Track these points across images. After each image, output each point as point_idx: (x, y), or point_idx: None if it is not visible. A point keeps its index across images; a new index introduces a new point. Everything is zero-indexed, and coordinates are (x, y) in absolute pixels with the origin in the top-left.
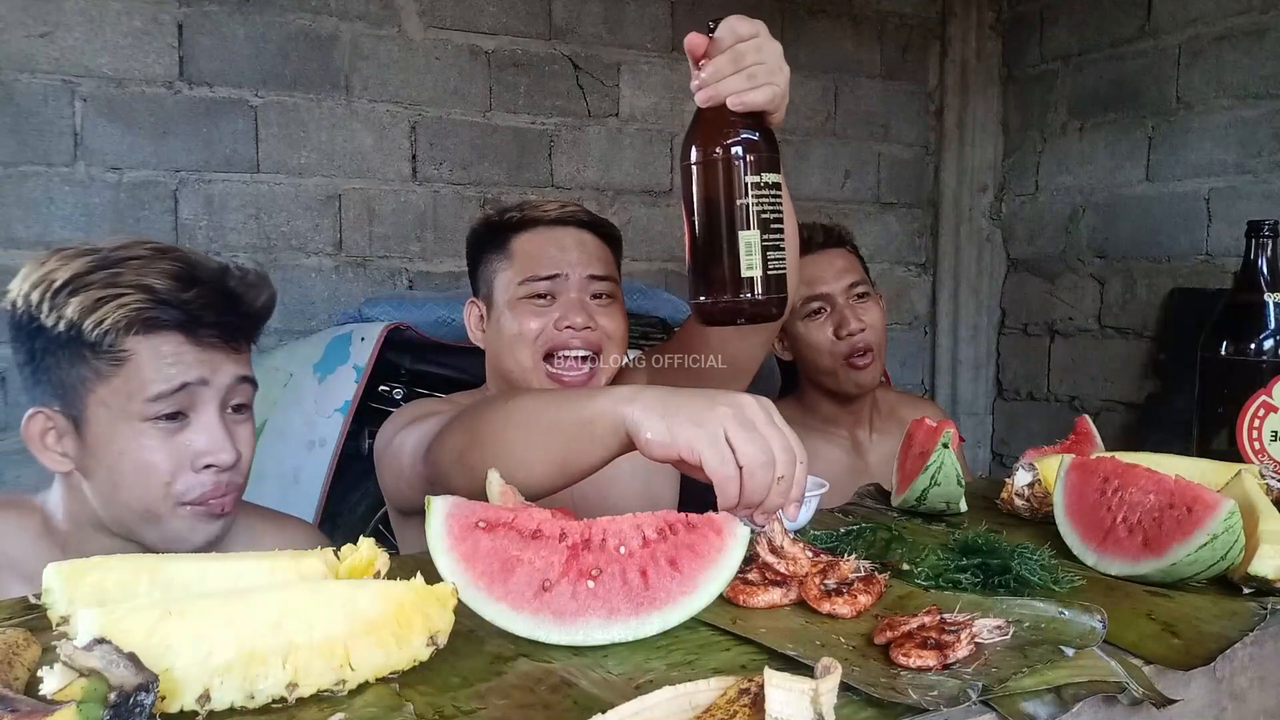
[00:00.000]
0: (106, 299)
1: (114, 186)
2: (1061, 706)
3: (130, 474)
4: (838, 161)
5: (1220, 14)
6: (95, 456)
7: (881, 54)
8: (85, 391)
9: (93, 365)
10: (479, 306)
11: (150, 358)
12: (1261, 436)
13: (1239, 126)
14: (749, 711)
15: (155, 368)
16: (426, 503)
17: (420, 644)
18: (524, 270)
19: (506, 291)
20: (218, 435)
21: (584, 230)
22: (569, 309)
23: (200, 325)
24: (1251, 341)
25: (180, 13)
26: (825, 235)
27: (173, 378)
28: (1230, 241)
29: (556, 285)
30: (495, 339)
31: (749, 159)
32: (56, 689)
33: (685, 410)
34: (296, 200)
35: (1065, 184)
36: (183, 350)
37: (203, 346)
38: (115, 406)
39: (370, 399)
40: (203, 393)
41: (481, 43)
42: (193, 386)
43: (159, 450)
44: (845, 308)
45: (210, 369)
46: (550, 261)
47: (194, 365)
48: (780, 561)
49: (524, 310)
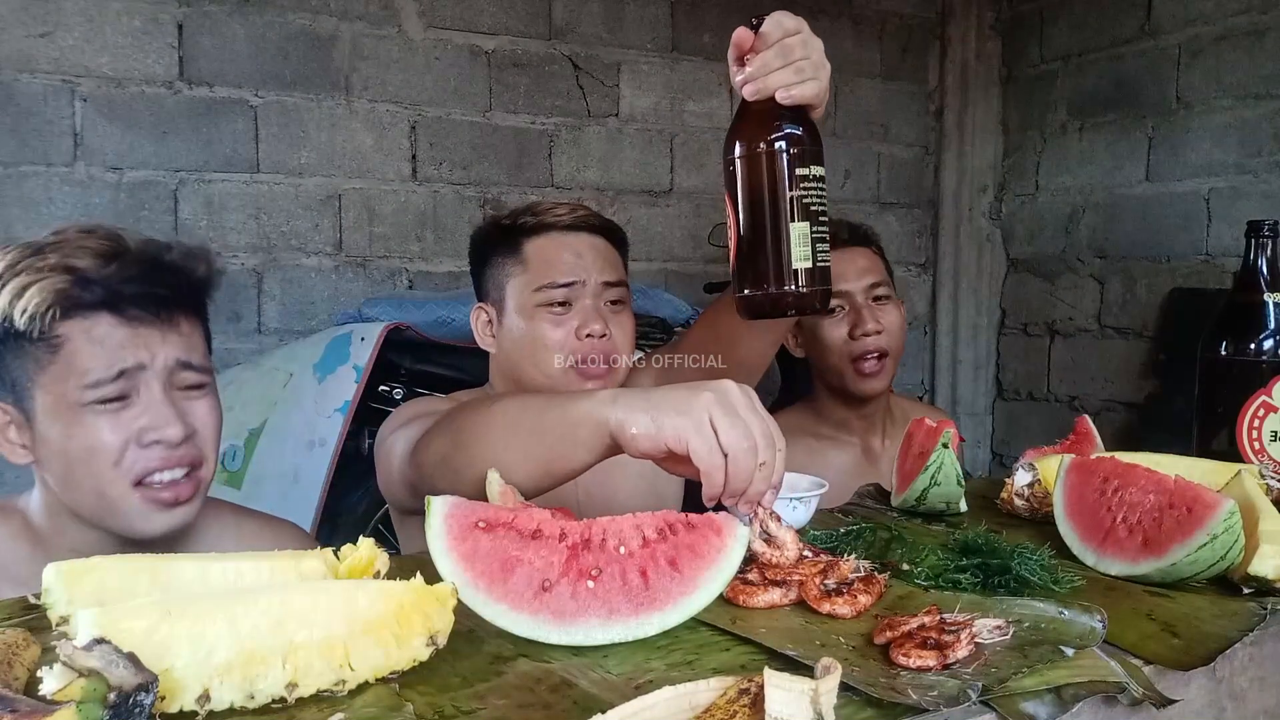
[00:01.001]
0: (30, 284)
1: (114, 186)
2: (1061, 707)
3: (80, 457)
4: (838, 161)
5: (1220, 14)
6: (46, 445)
7: (881, 54)
8: (28, 382)
9: (31, 354)
10: (487, 311)
11: (84, 342)
12: (1261, 436)
13: (1239, 126)
14: (749, 711)
15: (90, 353)
16: (426, 503)
17: (420, 644)
18: (540, 276)
19: (521, 297)
20: (163, 412)
21: (596, 235)
22: (587, 317)
23: (126, 302)
24: (1251, 341)
25: (180, 13)
26: (850, 233)
27: (109, 365)
28: (1230, 241)
29: (573, 292)
30: (511, 345)
31: (796, 151)
32: (56, 689)
33: (669, 401)
34: (296, 200)
35: (1065, 184)
36: (113, 332)
37: (133, 325)
38: (57, 393)
39: (370, 399)
40: (142, 375)
41: (481, 43)
42: (130, 372)
43: (104, 430)
44: (864, 307)
45: (146, 352)
46: (567, 268)
47: (128, 348)
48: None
49: (542, 318)
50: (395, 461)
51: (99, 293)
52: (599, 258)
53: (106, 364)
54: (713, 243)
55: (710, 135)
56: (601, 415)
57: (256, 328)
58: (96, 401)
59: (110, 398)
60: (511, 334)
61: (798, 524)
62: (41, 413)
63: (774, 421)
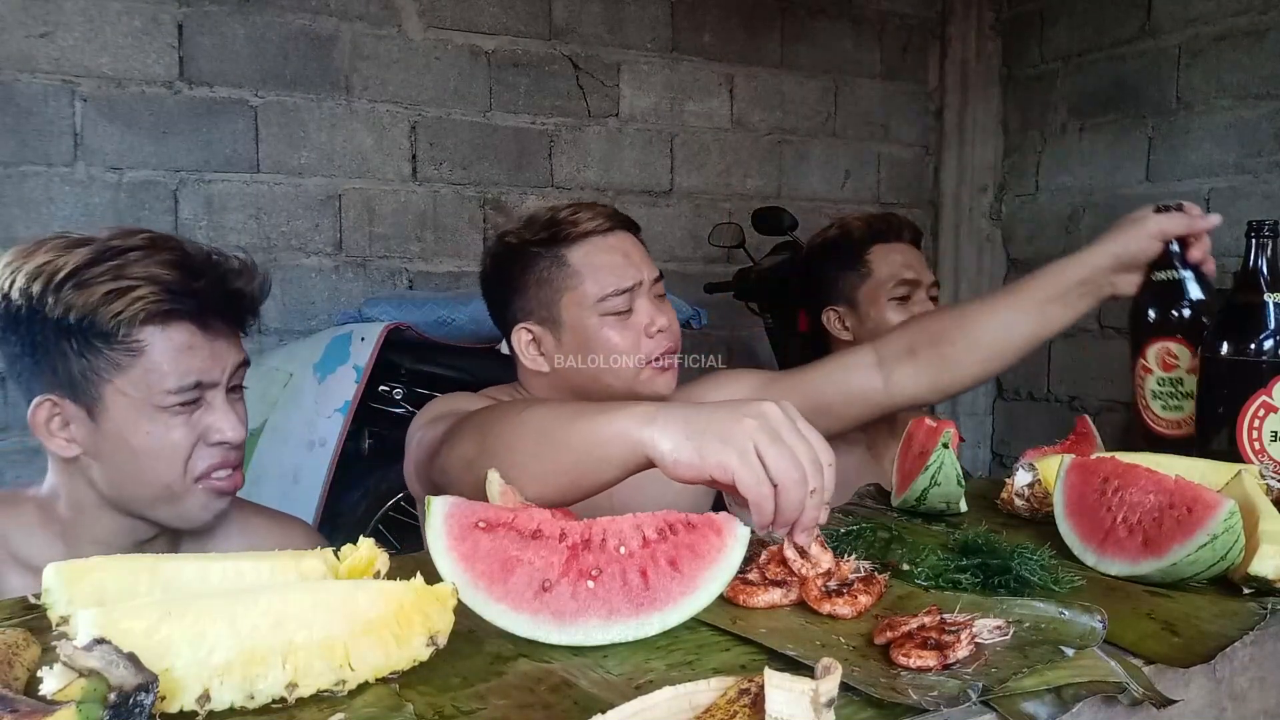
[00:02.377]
0: (118, 291)
1: (114, 186)
2: (1061, 707)
3: (153, 455)
4: (838, 161)
5: (1220, 14)
6: (112, 441)
7: (881, 54)
8: (100, 381)
9: (107, 356)
10: (532, 331)
11: (166, 349)
12: (1261, 436)
13: (1239, 126)
14: (749, 711)
15: (173, 360)
16: (426, 503)
17: (420, 644)
18: (601, 286)
19: (580, 311)
20: (229, 416)
21: (627, 232)
22: (652, 314)
23: (209, 315)
24: (1251, 342)
25: (180, 13)
26: (913, 233)
27: (188, 373)
28: (1230, 241)
29: (634, 295)
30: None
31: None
32: (56, 689)
33: (711, 428)
34: (296, 200)
35: (1065, 184)
36: (196, 341)
37: (211, 335)
38: (135, 395)
39: (370, 399)
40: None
41: (481, 43)
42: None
43: (179, 430)
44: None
45: (220, 362)
46: (624, 272)
47: (207, 358)
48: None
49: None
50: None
51: (185, 306)
52: (641, 254)
53: (186, 372)
54: (713, 243)
55: (710, 135)
56: (636, 435)
57: (257, 328)
58: (175, 405)
59: (187, 402)
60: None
61: None
62: (111, 411)
63: (820, 439)
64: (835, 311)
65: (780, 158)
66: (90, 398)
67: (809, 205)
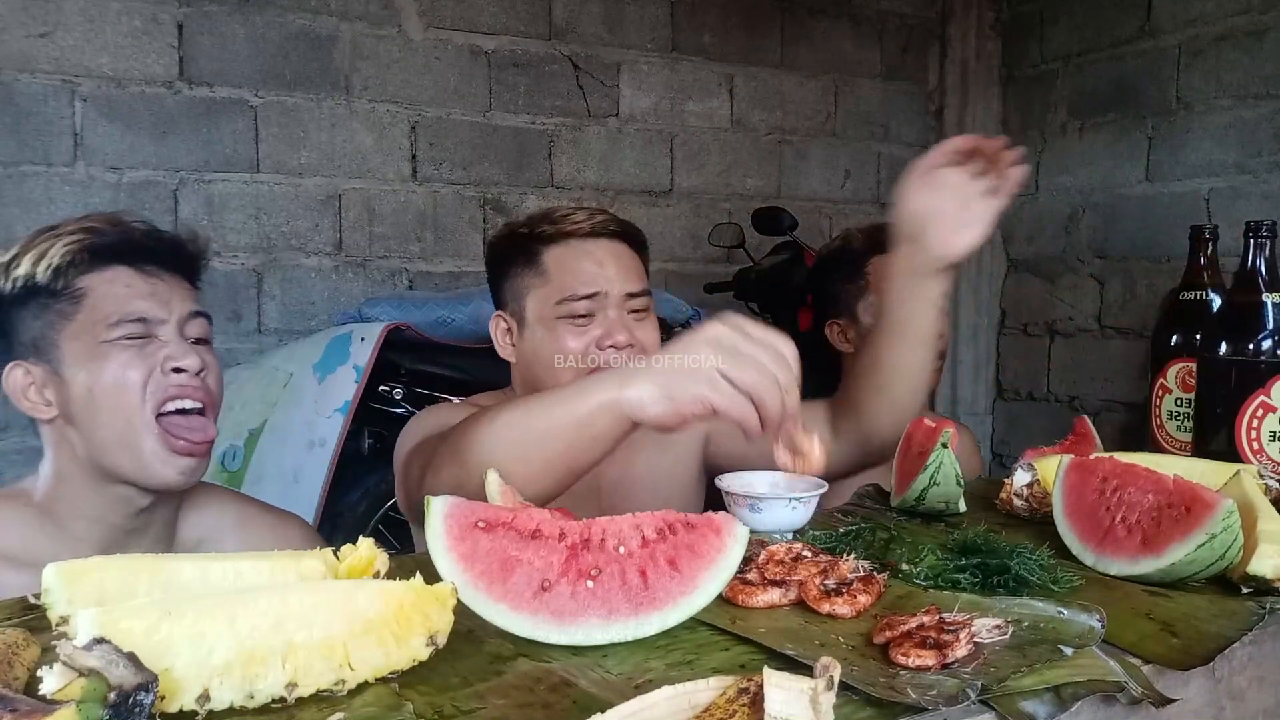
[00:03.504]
0: (50, 246)
1: (114, 186)
2: (1060, 706)
3: (107, 387)
4: (838, 161)
5: (1220, 14)
6: (74, 388)
7: (881, 54)
8: (55, 335)
9: (55, 309)
10: (506, 321)
11: (106, 289)
12: (1260, 436)
13: (1239, 126)
14: (748, 711)
15: (112, 299)
16: (425, 502)
17: (419, 644)
18: (561, 288)
19: (541, 309)
20: (182, 345)
21: (616, 241)
22: (611, 327)
23: (141, 258)
24: (1250, 342)
25: (180, 13)
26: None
27: (131, 310)
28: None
29: (595, 303)
30: (531, 357)
31: None
32: (56, 689)
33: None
34: (296, 200)
35: (1065, 184)
36: (133, 281)
37: (150, 279)
38: (84, 338)
39: (370, 399)
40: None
41: (481, 43)
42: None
43: (129, 363)
44: None
45: (164, 302)
46: (588, 279)
47: (148, 296)
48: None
49: (563, 330)
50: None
51: (116, 245)
52: (620, 266)
53: (128, 307)
54: (713, 243)
55: (710, 135)
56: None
57: (256, 328)
58: (122, 338)
59: (133, 335)
60: (532, 345)
61: (797, 524)
62: (69, 361)
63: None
64: (838, 324)
65: (780, 158)
66: (50, 355)
67: (809, 205)
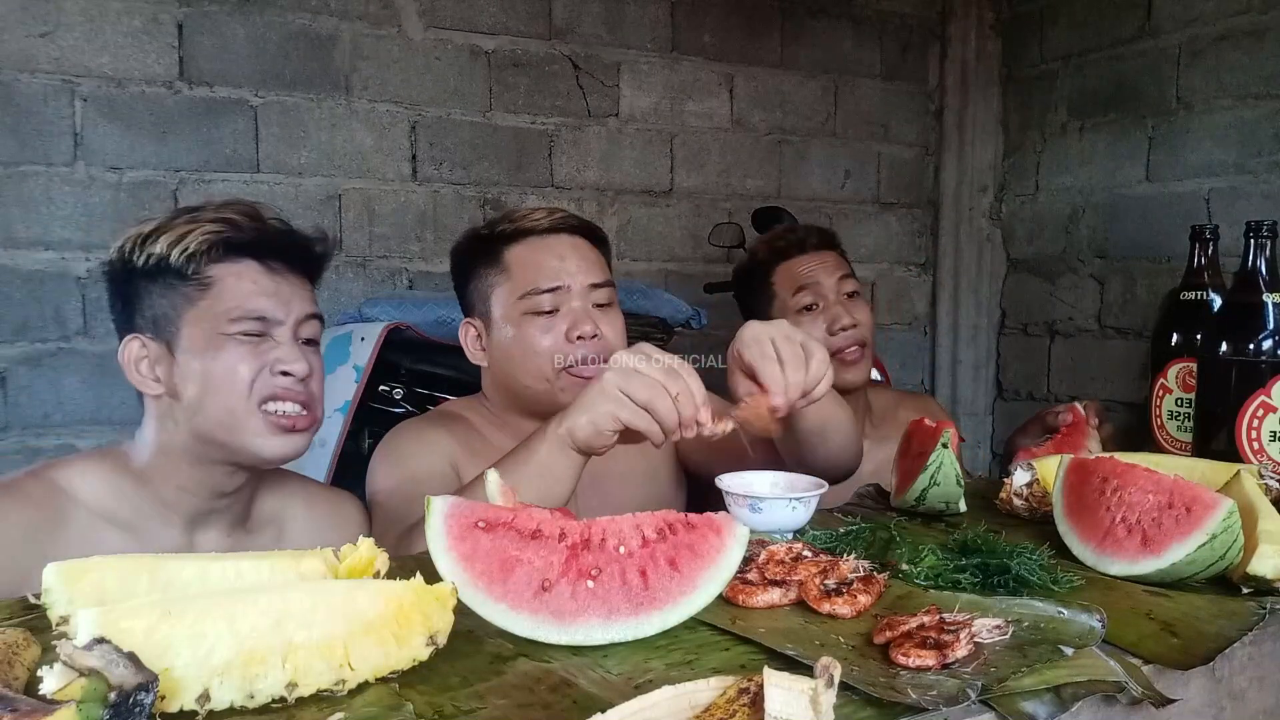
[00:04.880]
0: (189, 231)
1: (114, 186)
2: (1060, 706)
3: (218, 378)
4: (838, 161)
5: (1220, 14)
6: (186, 371)
7: (881, 54)
8: (177, 316)
9: (182, 292)
10: (475, 326)
11: (232, 282)
12: (1260, 436)
13: (1239, 126)
14: (748, 711)
15: (237, 291)
16: (426, 502)
17: (420, 644)
18: (523, 283)
19: (506, 306)
20: (293, 350)
21: (576, 236)
22: (576, 319)
23: (270, 254)
24: (1250, 342)
25: (180, 13)
26: (819, 237)
27: (253, 308)
28: (1230, 242)
29: (559, 297)
30: (502, 357)
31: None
32: (56, 689)
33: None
34: (296, 200)
35: (1065, 184)
36: (259, 279)
37: (275, 277)
38: (204, 325)
39: (370, 399)
40: (279, 321)
41: (481, 43)
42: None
43: (242, 359)
44: (837, 304)
45: (284, 303)
46: (550, 272)
47: (271, 296)
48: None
49: (530, 326)
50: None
51: (249, 241)
52: (581, 259)
53: (251, 304)
54: (713, 243)
55: (710, 135)
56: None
57: None
58: (239, 333)
59: (251, 332)
60: (501, 345)
61: (797, 524)
62: (186, 343)
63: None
64: None
65: (780, 158)
66: (169, 334)
67: (809, 205)
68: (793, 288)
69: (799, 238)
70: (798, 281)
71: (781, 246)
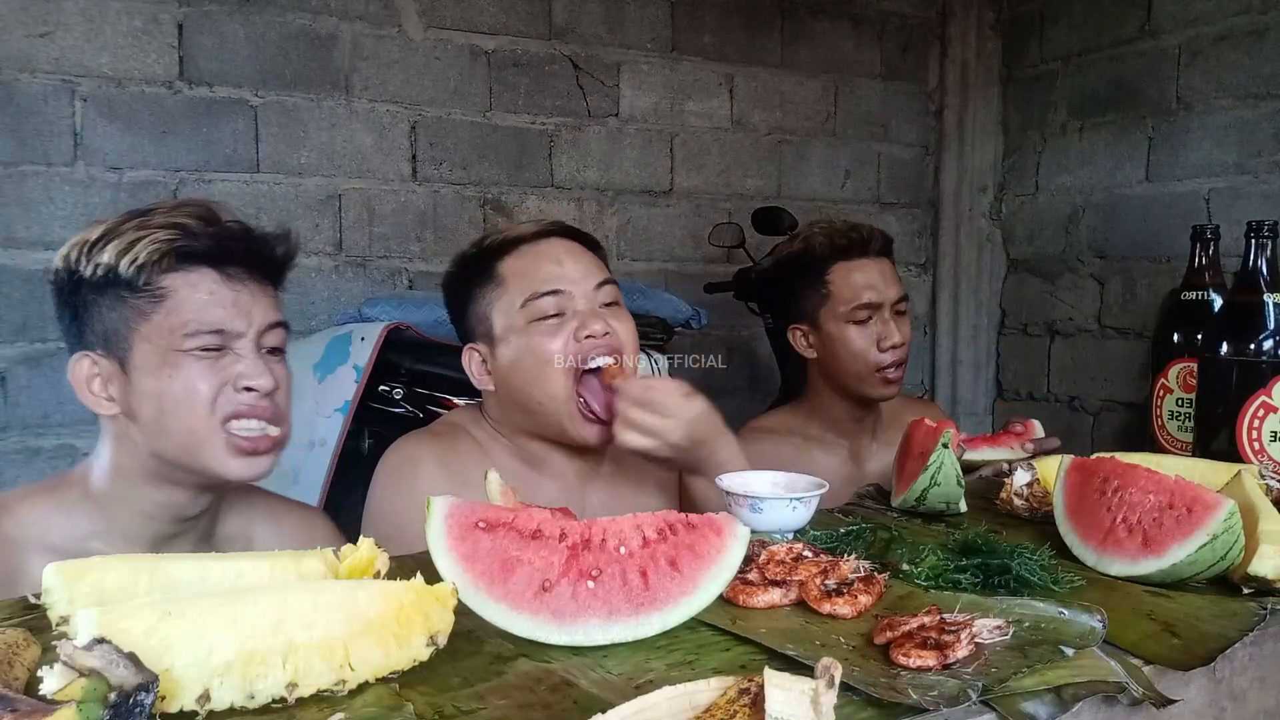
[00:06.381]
0: (138, 239)
1: (114, 186)
2: (1061, 706)
3: (177, 398)
4: (838, 161)
5: (1220, 14)
6: (141, 390)
7: (881, 54)
8: (129, 331)
9: (133, 305)
10: (479, 350)
11: (188, 294)
12: (1261, 437)
13: (1239, 126)
14: (749, 711)
15: (193, 306)
16: (427, 502)
17: (420, 644)
18: (524, 289)
19: (509, 318)
20: (256, 364)
21: (568, 239)
22: (584, 319)
23: (229, 261)
24: (1251, 342)
25: (180, 13)
26: (883, 242)
27: (210, 321)
28: (1230, 242)
29: (562, 301)
30: (512, 371)
31: None
32: (56, 689)
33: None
34: (296, 200)
35: (1065, 184)
36: (217, 289)
37: (234, 285)
38: (159, 341)
39: (370, 399)
40: (240, 333)
41: (481, 43)
42: (229, 331)
43: (201, 376)
44: (891, 319)
45: (244, 313)
46: (549, 276)
47: (230, 307)
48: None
49: (536, 333)
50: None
51: (204, 249)
52: (578, 260)
53: (208, 317)
54: (713, 243)
55: (710, 135)
56: None
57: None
58: (197, 349)
59: (209, 347)
60: (508, 359)
61: (797, 524)
62: (140, 360)
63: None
64: (800, 329)
65: (780, 158)
66: (121, 350)
67: (809, 205)
68: (850, 291)
69: (863, 238)
70: (857, 286)
71: (844, 245)
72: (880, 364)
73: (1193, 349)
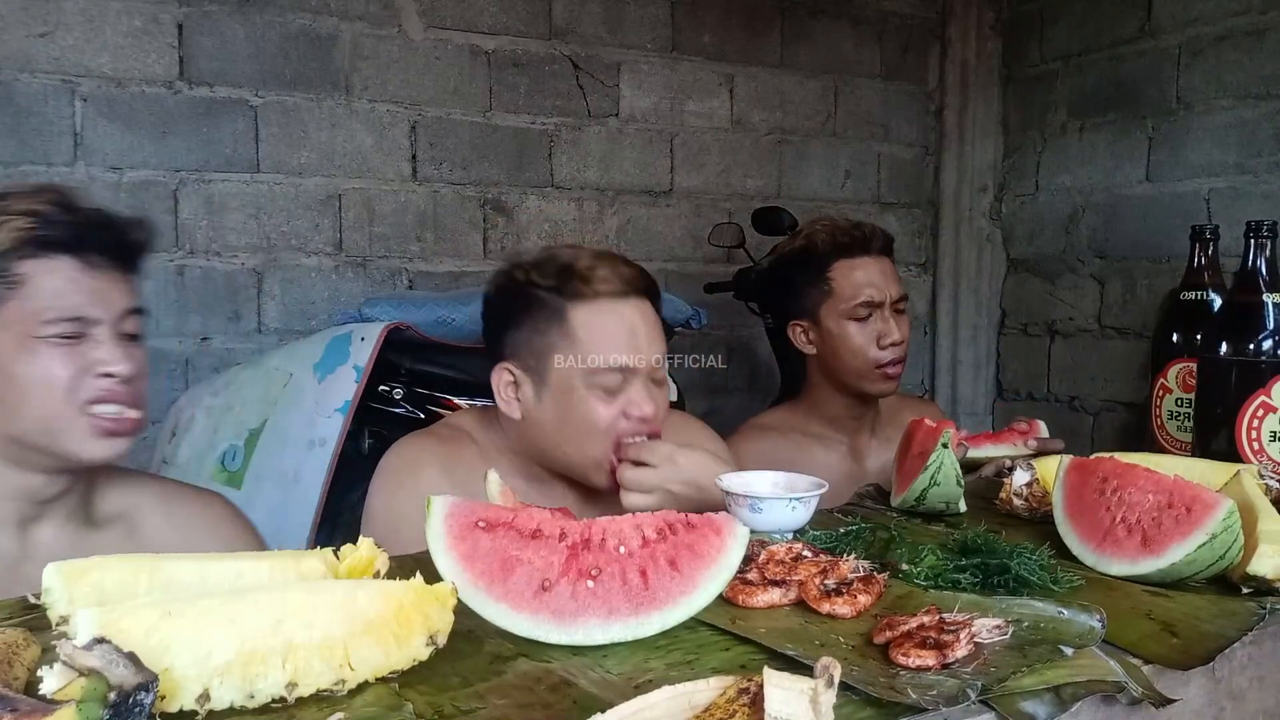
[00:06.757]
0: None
1: (114, 186)
2: (1060, 706)
3: (33, 385)
4: (838, 161)
5: (1220, 14)
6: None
7: (881, 54)
8: None
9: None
10: (513, 373)
11: (45, 282)
12: (1260, 436)
13: (1239, 126)
14: (748, 711)
15: (51, 293)
16: (427, 502)
17: (420, 644)
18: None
19: (569, 376)
20: (116, 351)
21: (644, 300)
22: (638, 398)
23: (87, 248)
24: (1250, 342)
25: (180, 13)
26: (884, 242)
27: (68, 308)
28: (1230, 242)
29: (627, 375)
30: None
31: None
32: (56, 689)
33: None
34: (296, 200)
35: (1065, 184)
36: (75, 276)
37: (93, 272)
38: (15, 328)
39: (370, 399)
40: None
41: (481, 43)
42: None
43: (60, 362)
44: (891, 317)
45: (103, 302)
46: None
47: (88, 294)
48: None
49: (593, 399)
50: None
51: (63, 236)
52: (651, 330)
53: (66, 304)
54: (713, 243)
55: (710, 135)
56: None
57: (256, 328)
58: (55, 336)
59: (68, 334)
60: (555, 410)
61: (797, 524)
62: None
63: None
64: (800, 325)
65: (780, 158)
66: None
67: (809, 205)
68: (852, 288)
69: (865, 236)
70: (858, 283)
71: (845, 243)
72: (879, 361)
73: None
